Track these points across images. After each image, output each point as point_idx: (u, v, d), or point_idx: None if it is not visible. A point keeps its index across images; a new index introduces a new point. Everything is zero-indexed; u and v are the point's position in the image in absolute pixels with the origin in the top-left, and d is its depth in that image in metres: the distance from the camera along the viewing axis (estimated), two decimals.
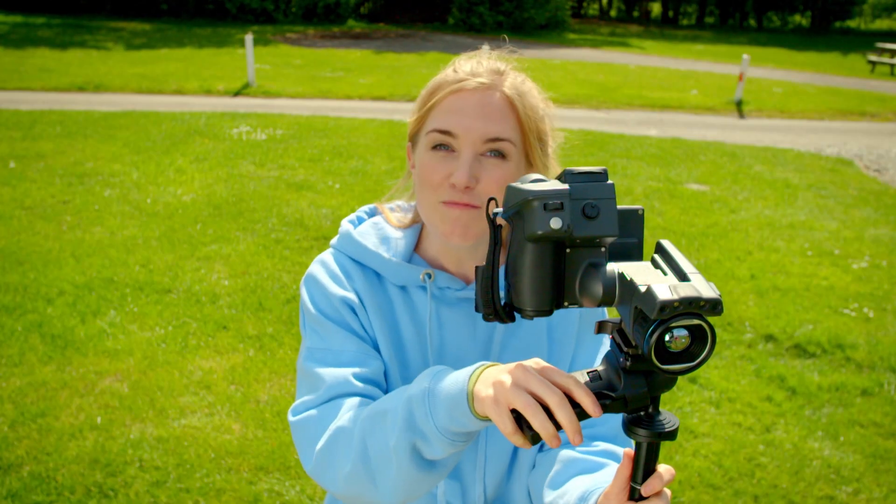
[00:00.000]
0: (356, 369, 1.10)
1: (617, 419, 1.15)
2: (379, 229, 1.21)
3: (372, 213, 1.28)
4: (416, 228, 1.22)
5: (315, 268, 1.19)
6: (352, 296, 1.15)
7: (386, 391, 1.14)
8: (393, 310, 1.17)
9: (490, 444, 1.19)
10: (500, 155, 1.07)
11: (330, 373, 1.09)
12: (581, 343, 1.22)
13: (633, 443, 0.88)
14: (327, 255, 1.20)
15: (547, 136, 1.14)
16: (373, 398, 1.09)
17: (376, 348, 1.16)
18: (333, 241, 1.22)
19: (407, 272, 1.16)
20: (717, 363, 3.92)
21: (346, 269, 1.18)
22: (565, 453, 1.13)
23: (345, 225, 1.22)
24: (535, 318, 0.95)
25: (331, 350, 1.13)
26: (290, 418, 1.11)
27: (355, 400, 1.07)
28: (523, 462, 1.21)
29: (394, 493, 0.97)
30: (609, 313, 1.24)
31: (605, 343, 1.24)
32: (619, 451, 1.14)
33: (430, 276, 1.15)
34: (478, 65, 1.11)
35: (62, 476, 2.86)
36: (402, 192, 1.27)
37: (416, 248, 1.21)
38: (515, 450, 1.22)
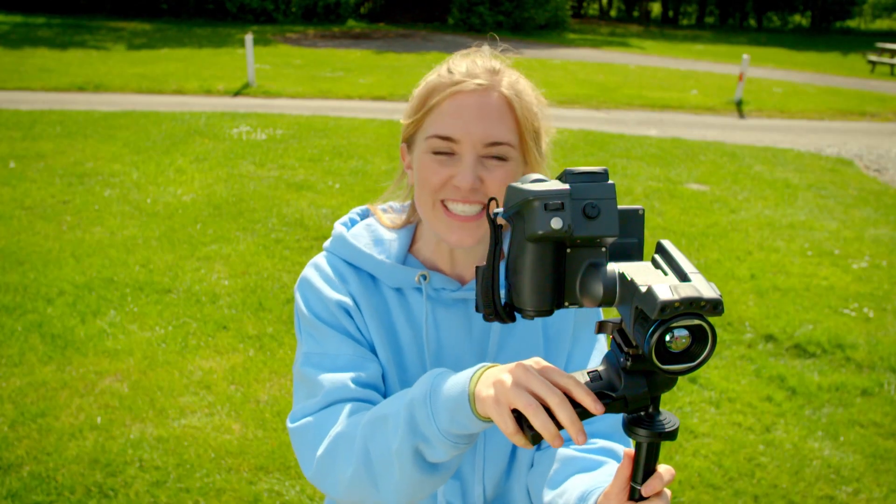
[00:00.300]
0: (354, 373, 1.10)
1: (615, 416, 1.15)
2: (372, 231, 1.20)
3: (364, 215, 1.27)
4: (410, 229, 1.21)
5: (309, 271, 1.18)
6: (347, 299, 1.14)
7: (384, 394, 1.14)
8: (389, 312, 1.16)
9: (489, 443, 1.19)
10: (501, 157, 1.08)
11: (328, 378, 1.09)
12: (576, 341, 1.22)
13: (630, 440, 0.88)
14: (321, 259, 1.19)
15: (541, 133, 1.14)
16: (371, 402, 1.08)
17: (373, 351, 1.15)
18: (326, 243, 1.21)
19: (402, 274, 1.15)
20: (717, 363, 3.92)
21: (340, 272, 1.17)
22: (563, 452, 1.13)
23: (338, 227, 1.21)
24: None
25: (327, 354, 1.12)
26: (289, 425, 1.10)
27: (354, 405, 1.06)
28: (522, 461, 1.21)
29: (396, 497, 0.97)
30: (605, 313, 1.24)
31: (601, 341, 1.24)
32: (618, 448, 1.14)
33: (425, 278, 1.15)
34: (473, 64, 1.10)
35: (62, 476, 2.86)
36: (397, 194, 1.26)
37: (409, 248, 1.21)
38: (514, 449, 1.22)
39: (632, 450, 0.89)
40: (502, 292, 0.93)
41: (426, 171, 1.09)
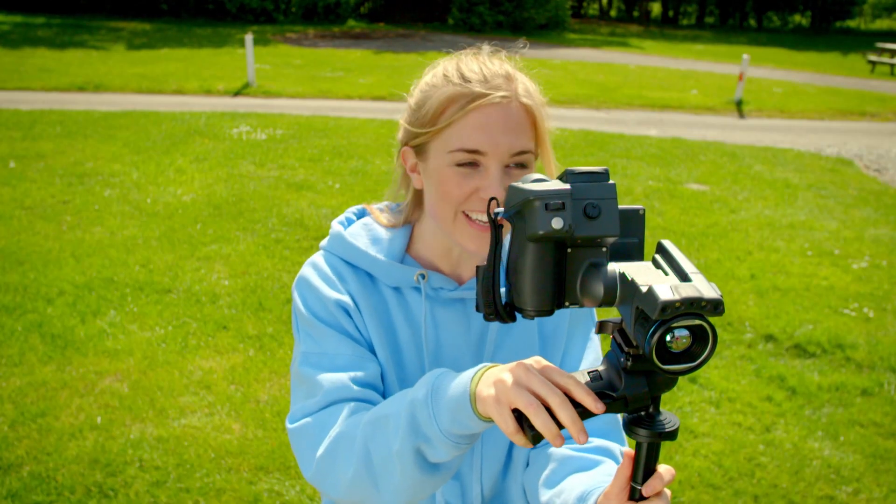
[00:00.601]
0: (353, 373, 1.09)
1: (611, 415, 1.15)
2: (370, 230, 1.20)
3: (361, 214, 1.26)
4: (407, 229, 1.20)
5: (307, 270, 1.17)
6: (346, 298, 1.14)
7: (383, 394, 1.14)
8: (388, 311, 1.16)
9: (486, 443, 1.20)
10: (523, 164, 1.07)
11: (327, 378, 1.08)
12: (571, 339, 1.23)
13: (626, 438, 0.88)
14: (318, 258, 1.19)
15: (548, 133, 1.14)
16: (371, 402, 1.08)
17: (371, 351, 1.15)
18: (323, 242, 1.20)
19: (400, 273, 1.15)
20: (717, 363, 3.92)
21: (338, 271, 1.16)
22: (560, 451, 1.13)
23: (335, 226, 1.21)
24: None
25: (326, 354, 1.12)
26: (288, 425, 1.10)
27: (354, 405, 1.06)
28: (518, 460, 1.21)
29: (397, 497, 0.97)
30: (602, 313, 1.24)
31: (594, 339, 1.25)
32: (614, 447, 1.14)
33: (423, 277, 1.15)
34: (487, 69, 1.08)
35: (62, 476, 2.86)
36: (398, 196, 1.25)
37: (407, 248, 1.20)
38: (511, 448, 1.22)
39: (631, 450, 0.89)
40: (502, 291, 0.93)
41: (449, 183, 1.07)
